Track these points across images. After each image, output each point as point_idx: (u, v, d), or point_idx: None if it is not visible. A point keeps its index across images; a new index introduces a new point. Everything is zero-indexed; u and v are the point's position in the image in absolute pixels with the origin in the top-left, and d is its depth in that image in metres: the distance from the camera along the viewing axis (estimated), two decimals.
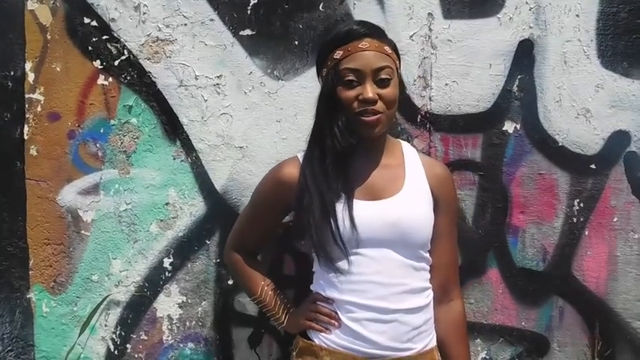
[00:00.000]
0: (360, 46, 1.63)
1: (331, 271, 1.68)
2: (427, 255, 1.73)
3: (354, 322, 1.66)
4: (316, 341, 1.70)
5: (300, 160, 1.76)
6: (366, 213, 1.65)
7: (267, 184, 1.82)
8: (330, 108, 1.66)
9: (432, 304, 1.73)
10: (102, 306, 2.14)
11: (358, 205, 1.66)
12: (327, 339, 1.69)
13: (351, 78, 1.63)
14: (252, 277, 1.87)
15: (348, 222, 1.63)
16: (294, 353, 1.76)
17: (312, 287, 1.78)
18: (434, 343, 1.73)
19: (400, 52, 1.75)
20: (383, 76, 1.64)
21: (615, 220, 1.97)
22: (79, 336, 2.13)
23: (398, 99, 1.70)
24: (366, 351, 1.65)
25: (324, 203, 1.65)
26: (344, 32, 1.67)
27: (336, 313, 1.68)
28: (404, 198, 1.68)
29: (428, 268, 1.73)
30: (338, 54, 1.65)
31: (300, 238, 2.00)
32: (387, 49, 1.67)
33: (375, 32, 1.68)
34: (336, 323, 1.68)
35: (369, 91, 1.62)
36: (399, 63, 1.74)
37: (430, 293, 1.73)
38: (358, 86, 1.63)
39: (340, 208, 1.65)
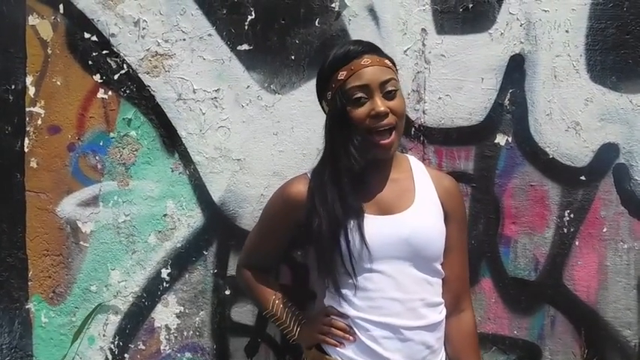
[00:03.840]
0: (362, 63, 1.63)
1: (344, 288, 1.66)
2: (440, 268, 1.72)
3: (371, 340, 1.63)
4: (333, 355, 1.68)
5: (309, 177, 1.73)
6: (377, 229, 1.63)
7: (276, 202, 1.80)
8: (342, 129, 1.64)
9: (444, 322, 1.72)
10: (93, 314, 2.14)
11: (369, 220, 1.64)
12: (343, 354, 1.66)
13: (359, 95, 1.62)
14: (263, 292, 1.85)
15: (358, 238, 1.61)
16: None
17: (325, 301, 1.74)
18: (443, 359, 1.73)
19: None
20: (389, 89, 1.63)
21: (605, 230, 1.99)
22: (72, 344, 2.13)
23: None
24: None
25: (334, 228, 1.62)
26: (342, 53, 1.66)
27: (351, 328, 1.66)
28: (415, 212, 1.67)
29: (441, 281, 1.72)
30: (342, 74, 1.64)
31: (298, 249, 2.04)
32: (388, 62, 1.68)
33: (372, 49, 1.68)
34: (351, 338, 1.65)
35: (380, 104, 1.61)
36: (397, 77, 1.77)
37: (443, 309, 1.72)
38: (367, 102, 1.62)
39: (351, 225, 1.62)
